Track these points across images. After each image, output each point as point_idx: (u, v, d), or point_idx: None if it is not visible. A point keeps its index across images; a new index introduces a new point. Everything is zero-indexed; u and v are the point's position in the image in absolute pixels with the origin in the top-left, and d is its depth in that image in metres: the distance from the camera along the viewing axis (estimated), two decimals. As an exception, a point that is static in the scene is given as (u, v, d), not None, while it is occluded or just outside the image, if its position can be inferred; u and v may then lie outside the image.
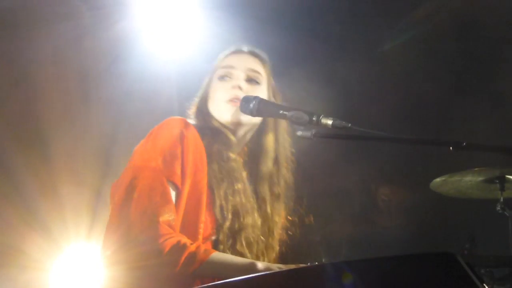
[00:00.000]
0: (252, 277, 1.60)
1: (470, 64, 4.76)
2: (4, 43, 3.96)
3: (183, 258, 1.98)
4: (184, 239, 2.04)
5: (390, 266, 1.33)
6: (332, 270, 1.38)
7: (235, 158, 2.33)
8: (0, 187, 4.03)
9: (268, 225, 2.42)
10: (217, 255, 2.03)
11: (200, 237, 2.16)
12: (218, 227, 2.21)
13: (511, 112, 4.62)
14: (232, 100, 2.35)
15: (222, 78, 2.42)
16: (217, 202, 2.22)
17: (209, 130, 2.34)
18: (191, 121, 2.38)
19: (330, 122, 2.14)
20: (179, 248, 2.00)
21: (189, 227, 2.14)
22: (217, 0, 4.22)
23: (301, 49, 4.58)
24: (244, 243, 2.24)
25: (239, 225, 2.24)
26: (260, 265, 2.01)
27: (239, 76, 2.40)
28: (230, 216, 2.22)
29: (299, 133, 2.18)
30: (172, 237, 2.01)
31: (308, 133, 2.17)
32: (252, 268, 1.99)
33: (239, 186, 2.29)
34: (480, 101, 4.74)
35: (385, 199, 4.83)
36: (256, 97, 2.27)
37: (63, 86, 4.26)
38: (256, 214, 2.33)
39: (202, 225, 2.17)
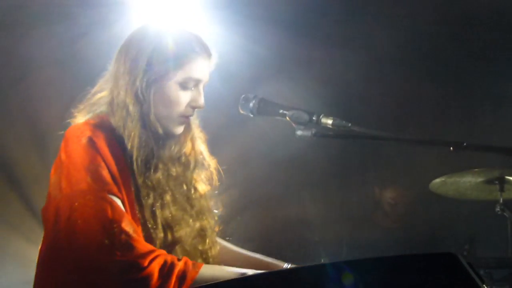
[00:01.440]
0: (250, 276, 1.59)
1: (470, 64, 4.76)
2: (2, 43, 3.96)
3: (173, 279, 1.87)
4: (168, 256, 1.93)
5: (392, 266, 1.33)
6: (333, 269, 1.37)
7: (162, 167, 2.11)
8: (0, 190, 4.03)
9: (193, 205, 2.21)
10: (206, 269, 1.94)
11: None
12: (151, 242, 2.01)
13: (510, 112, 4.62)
14: (187, 116, 2.15)
15: (185, 87, 2.11)
16: (143, 220, 2.03)
17: (141, 136, 2.06)
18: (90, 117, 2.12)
19: (330, 121, 2.13)
20: (169, 268, 1.88)
21: None
22: (219, 0, 4.21)
23: (302, 49, 4.57)
24: (180, 255, 2.06)
25: (172, 239, 2.08)
26: (251, 274, 1.94)
27: (201, 90, 2.16)
28: (161, 234, 2.05)
29: (299, 132, 2.16)
30: (158, 256, 1.88)
31: (308, 133, 2.16)
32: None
33: (167, 198, 2.10)
34: (480, 101, 4.74)
35: (391, 201, 4.81)
36: (255, 96, 2.24)
37: (61, 86, 4.25)
38: (190, 220, 2.15)
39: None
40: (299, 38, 4.54)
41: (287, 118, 2.19)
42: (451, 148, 1.99)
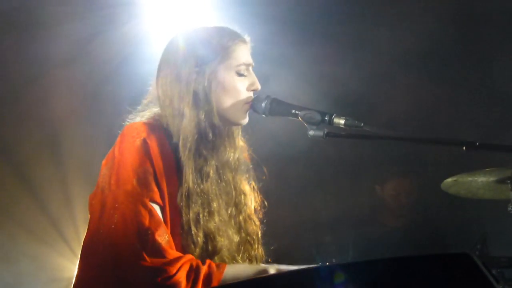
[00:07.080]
0: (244, 282, 1.60)
1: (482, 64, 4.74)
2: (15, 43, 3.98)
3: (200, 283, 1.92)
4: (194, 260, 1.98)
5: (406, 266, 1.33)
6: (345, 270, 1.37)
7: (213, 176, 2.16)
8: (12, 189, 4.04)
9: (239, 216, 2.27)
10: (229, 270, 1.99)
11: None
12: (185, 252, 2.05)
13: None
14: (249, 102, 2.23)
15: (240, 74, 2.21)
16: (185, 226, 2.07)
17: (197, 143, 2.12)
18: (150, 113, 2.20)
19: (342, 121, 2.12)
20: (195, 273, 1.93)
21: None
22: (228, 0, 4.21)
23: (312, 48, 4.57)
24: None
25: (212, 248, 2.11)
26: (272, 270, 1.99)
27: (253, 73, 2.25)
28: (200, 242, 2.08)
29: (311, 132, 2.15)
30: (184, 263, 1.93)
31: (320, 133, 2.15)
32: (265, 274, 1.97)
33: (214, 205, 2.13)
34: (492, 100, 4.72)
35: (392, 192, 4.80)
36: (268, 96, 2.24)
37: (73, 86, 4.27)
38: (230, 232, 2.19)
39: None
40: (309, 37, 4.53)
41: (300, 118, 2.18)
42: (464, 147, 1.98)
